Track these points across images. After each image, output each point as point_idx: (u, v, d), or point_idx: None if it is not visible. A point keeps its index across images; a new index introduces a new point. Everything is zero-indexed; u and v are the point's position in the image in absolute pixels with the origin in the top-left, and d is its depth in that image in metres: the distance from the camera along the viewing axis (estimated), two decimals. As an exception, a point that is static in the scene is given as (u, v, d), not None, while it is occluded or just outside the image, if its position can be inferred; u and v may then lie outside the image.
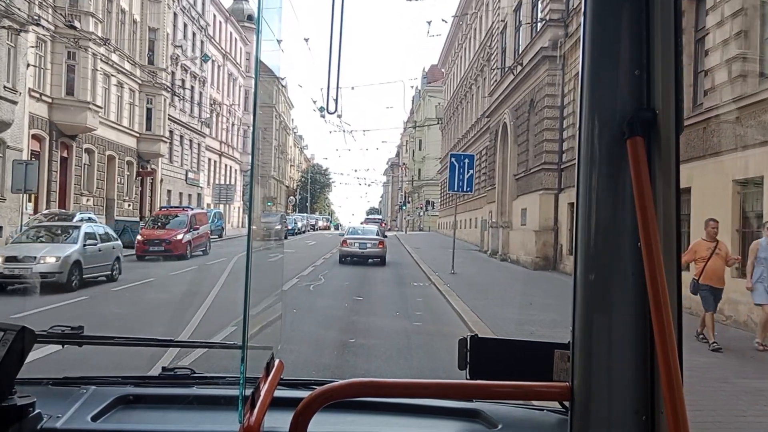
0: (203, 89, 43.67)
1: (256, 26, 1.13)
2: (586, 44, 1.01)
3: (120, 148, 32.03)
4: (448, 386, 1.13)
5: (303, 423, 1.01)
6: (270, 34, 1.19)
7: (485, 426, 1.55)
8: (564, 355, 1.18)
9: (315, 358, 7.72)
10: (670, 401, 0.89)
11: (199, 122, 42.73)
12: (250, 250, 1.13)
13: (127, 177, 33.06)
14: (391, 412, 1.61)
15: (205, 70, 43.86)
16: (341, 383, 1.05)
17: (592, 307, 1.00)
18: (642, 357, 0.98)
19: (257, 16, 1.12)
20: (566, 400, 1.04)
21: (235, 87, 52.31)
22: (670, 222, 0.97)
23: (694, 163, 11.34)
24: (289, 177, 79.06)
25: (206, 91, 44.33)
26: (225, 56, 49.39)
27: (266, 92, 65.07)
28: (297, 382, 1.79)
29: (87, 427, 1.44)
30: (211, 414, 1.61)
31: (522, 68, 24.10)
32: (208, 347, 2.63)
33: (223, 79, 49.11)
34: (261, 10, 1.12)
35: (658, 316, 0.90)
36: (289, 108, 78.78)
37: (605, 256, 0.99)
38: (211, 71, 45.83)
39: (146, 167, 35.21)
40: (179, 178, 40.17)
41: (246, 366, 1.08)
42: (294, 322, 9.65)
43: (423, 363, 7.69)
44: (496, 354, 1.33)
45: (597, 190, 1.00)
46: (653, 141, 0.97)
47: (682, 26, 1.02)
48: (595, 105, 1.00)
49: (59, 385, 1.73)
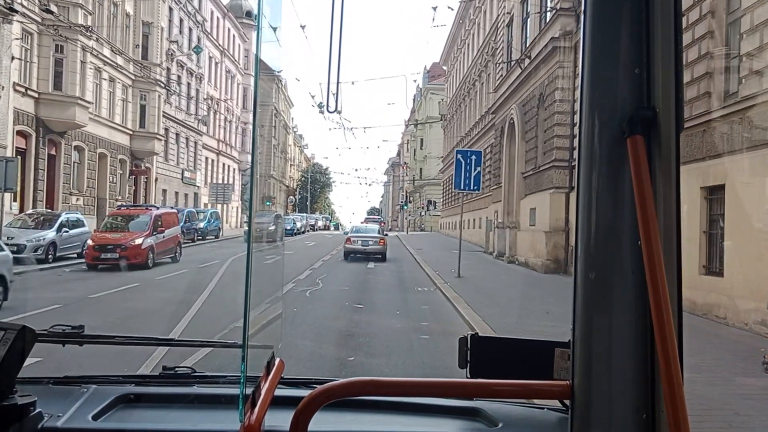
0: (200, 86, 42.54)
1: (257, 23, 1.12)
2: (586, 43, 1.01)
3: (112, 146, 30.95)
4: (449, 385, 1.14)
5: (304, 422, 1.02)
6: (270, 34, 1.20)
7: (486, 424, 1.56)
8: (564, 354, 1.20)
9: (310, 374, 6.61)
10: (671, 399, 0.89)
11: (196, 120, 41.63)
12: (250, 250, 1.13)
13: (119, 176, 32.00)
14: (391, 410, 1.60)
15: (202, 67, 42.74)
16: (342, 382, 1.05)
17: (593, 306, 1.00)
18: (642, 355, 0.97)
19: (257, 13, 1.12)
20: (567, 398, 1.03)
21: (233, 84, 51.16)
22: (671, 221, 0.97)
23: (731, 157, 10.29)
24: (288, 176, 78.11)
25: (203, 88, 43.21)
26: (223, 53, 48.28)
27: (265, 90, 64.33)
28: (298, 381, 1.79)
29: (88, 426, 1.45)
30: (212, 413, 1.62)
31: (530, 61, 23.01)
32: (208, 346, 2.64)
33: (221, 76, 48.00)
34: (261, 6, 1.13)
35: (659, 315, 0.91)
36: (289, 106, 77.78)
37: (605, 254, 0.99)
38: (209, 68, 44.73)
39: (140, 166, 34.13)
40: (175, 177, 39.08)
41: (246, 365, 1.08)
42: (287, 332, 8.60)
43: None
44: (496, 352, 1.37)
45: (597, 188, 1.00)
46: (653, 140, 0.97)
47: (682, 24, 1.01)
48: (595, 104, 1.00)
49: (60, 384, 1.74)
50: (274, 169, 66.58)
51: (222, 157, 47.71)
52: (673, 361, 0.90)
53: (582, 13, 1.03)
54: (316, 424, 1.02)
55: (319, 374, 7.06)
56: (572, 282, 1.03)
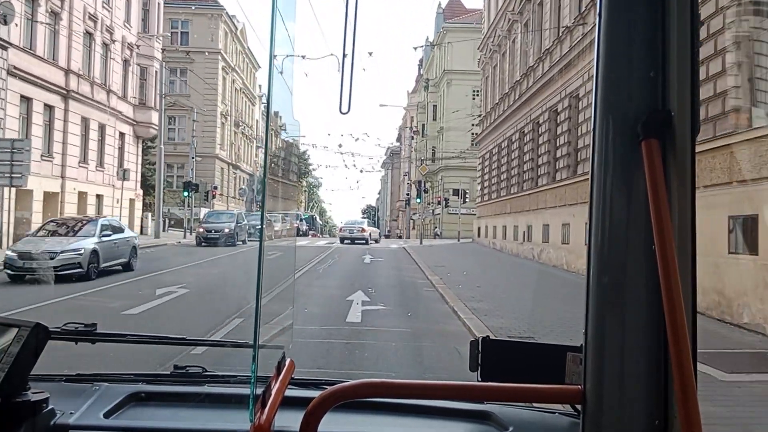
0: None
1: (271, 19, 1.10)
2: (600, 45, 1.01)
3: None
4: (459, 388, 1.15)
5: (314, 422, 1.02)
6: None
7: (496, 428, 1.54)
8: (576, 358, 1.21)
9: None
10: (684, 405, 0.89)
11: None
12: (262, 250, 1.15)
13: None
14: (401, 412, 1.60)
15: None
16: (352, 383, 1.05)
17: (605, 310, 0.99)
18: (655, 360, 0.96)
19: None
20: (578, 403, 1.03)
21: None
22: (685, 224, 0.97)
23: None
24: (253, 161, 57.88)
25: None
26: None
27: (204, 32, 43.81)
28: (308, 381, 1.78)
29: (99, 423, 1.46)
30: (222, 412, 1.61)
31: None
32: (220, 346, 2.69)
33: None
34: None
35: (672, 320, 0.90)
36: (254, 68, 57.55)
37: (619, 258, 0.98)
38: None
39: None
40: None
41: (257, 365, 1.10)
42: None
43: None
44: (507, 356, 1.36)
45: (611, 191, 0.99)
46: (668, 143, 0.96)
47: (699, 26, 1.00)
48: (609, 106, 0.99)
49: (72, 381, 1.76)
50: (223, 147, 46.29)
51: (78, 104, 24.43)
52: (686, 367, 0.89)
53: (597, 15, 1.01)
54: (326, 425, 1.02)
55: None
56: (585, 287, 1.00)
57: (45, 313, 8.43)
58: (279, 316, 1.50)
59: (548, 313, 9.70)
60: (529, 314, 9.70)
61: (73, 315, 2.59)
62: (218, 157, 44.70)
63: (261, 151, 60.38)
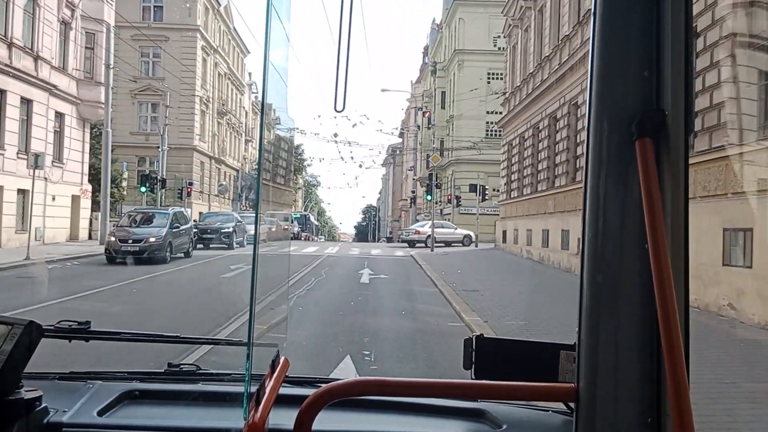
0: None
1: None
2: (595, 44, 1.01)
3: None
4: (453, 386, 1.15)
5: (308, 420, 1.02)
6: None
7: (490, 426, 1.55)
8: (570, 356, 1.20)
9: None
10: (677, 403, 0.90)
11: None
12: (256, 249, 1.14)
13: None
14: (395, 410, 1.60)
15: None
16: (347, 381, 1.06)
17: (599, 309, 0.99)
18: (648, 359, 0.97)
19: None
20: (571, 401, 1.03)
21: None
22: (679, 224, 0.97)
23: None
24: (241, 156, 52.25)
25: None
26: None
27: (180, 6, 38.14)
28: (302, 379, 1.79)
29: (93, 421, 1.46)
30: (217, 410, 1.61)
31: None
32: (214, 344, 2.60)
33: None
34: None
35: (665, 318, 0.91)
36: (242, 53, 51.88)
37: (612, 257, 0.98)
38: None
39: None
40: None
41: (251, 363, 1.09)
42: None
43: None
44: (501, 354, 1.37)
45: (605, 191, 0.99)
46: (662, 142, 0.96)
47: (692, 26, 0.92)
48: (603, 105, 1.00)
49: (66, 379, 1.76)
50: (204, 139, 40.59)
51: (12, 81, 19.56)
52: (679, 365, 0.89)
53: (592, 14, 1.01)
54: (320, 423, 1.02)
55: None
56: (578, 285, 1.00)
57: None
58: (274, 314, 1.51)
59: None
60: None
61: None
62: (197, 149, 38.99)
63: (250, 145, 54.77)
